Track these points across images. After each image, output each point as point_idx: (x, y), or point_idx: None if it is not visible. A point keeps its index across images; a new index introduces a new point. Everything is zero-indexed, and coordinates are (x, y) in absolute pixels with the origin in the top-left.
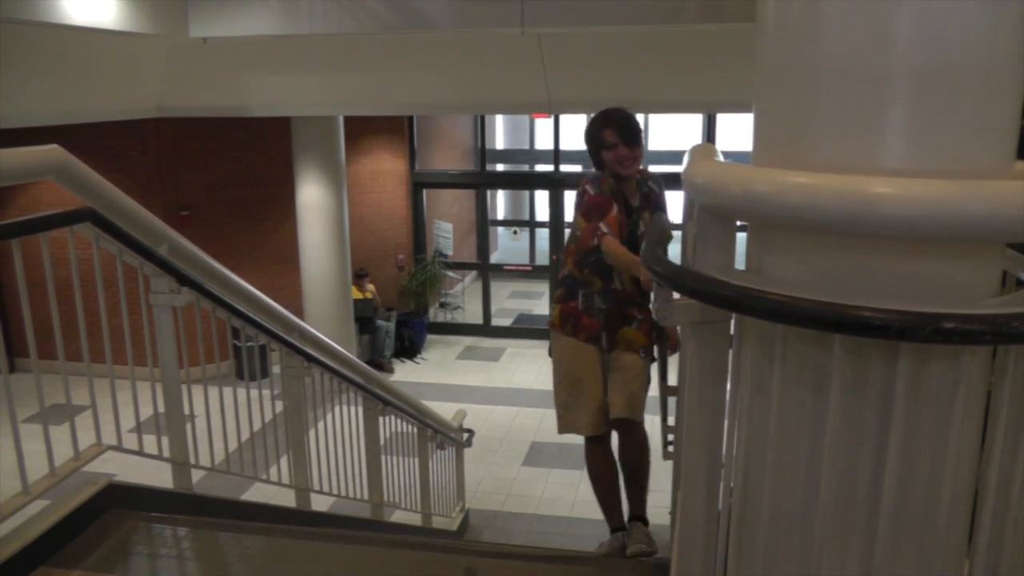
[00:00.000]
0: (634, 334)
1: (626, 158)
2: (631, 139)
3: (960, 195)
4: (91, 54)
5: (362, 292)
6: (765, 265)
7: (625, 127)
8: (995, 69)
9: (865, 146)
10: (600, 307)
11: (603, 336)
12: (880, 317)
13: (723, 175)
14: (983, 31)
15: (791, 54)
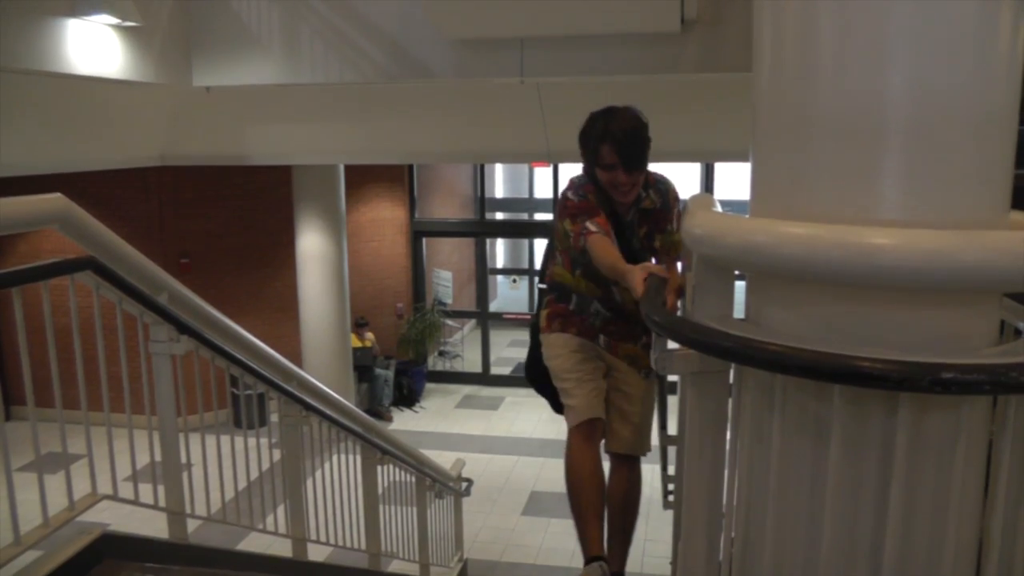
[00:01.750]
0: (639, 352)
1: (623, 184)
2: (632, 163)
3: (957, 246)
4: (95, 103)
5: (361, 340)
6: (764, 315)
7: (627, 146)
8: (987, 121)
9: (861, 197)
10: (597, 311)
11: (600, 337)
12: (879, 367)
13: (721, 226)
14: (975, 85)
15: (787, 106)
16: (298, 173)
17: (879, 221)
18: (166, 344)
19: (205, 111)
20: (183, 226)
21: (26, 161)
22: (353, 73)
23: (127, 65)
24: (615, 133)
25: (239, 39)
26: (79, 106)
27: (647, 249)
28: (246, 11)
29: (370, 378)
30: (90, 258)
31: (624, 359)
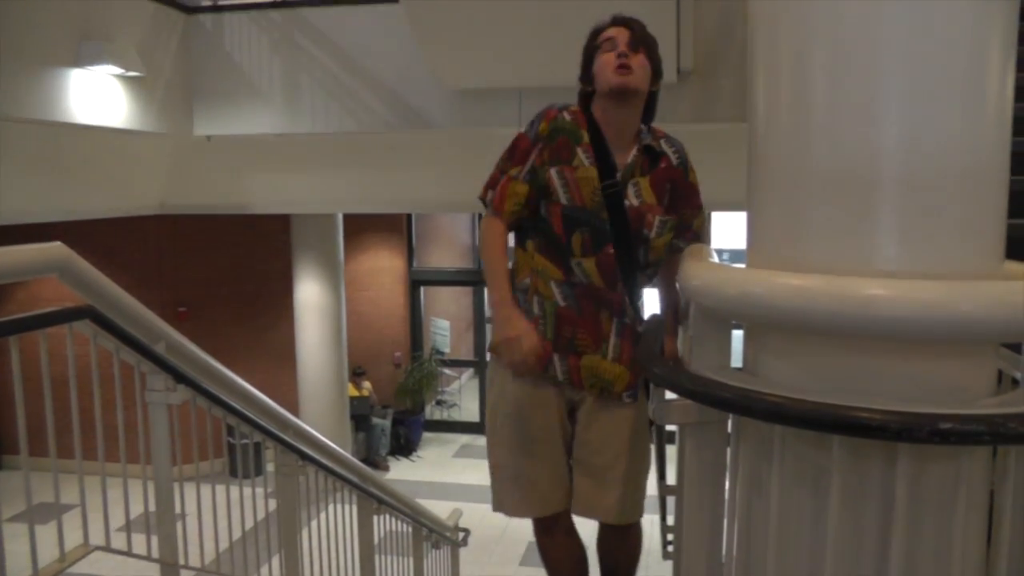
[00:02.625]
0: (609, 368)
1: (623, 57)
2: (638, 38)
3: (952, 296)
4: (96, 152)
5: (359, 390)
6: (762, 365)
7: (633, 23)
8: (979, 173)
9: (857, 248)
10: (547, 307)
11: (555, 364)
12: (877, 418)
13: (718, 277)
14: (965, 138)
15: (781, 159)
16: (297, 222)
17: (875, 272)
18: (163, 393)
19: (205, 160)
20: (181, 275)
21: (26, 209)
22: (353, 123)
23: (129, 114)
24: (623, 16)
25: (240, 88)
26: (80, 155)
27: (649, 215)
28: (247, 61)
29: (367, 427)
30: (89, 307)
31: (591, 385)
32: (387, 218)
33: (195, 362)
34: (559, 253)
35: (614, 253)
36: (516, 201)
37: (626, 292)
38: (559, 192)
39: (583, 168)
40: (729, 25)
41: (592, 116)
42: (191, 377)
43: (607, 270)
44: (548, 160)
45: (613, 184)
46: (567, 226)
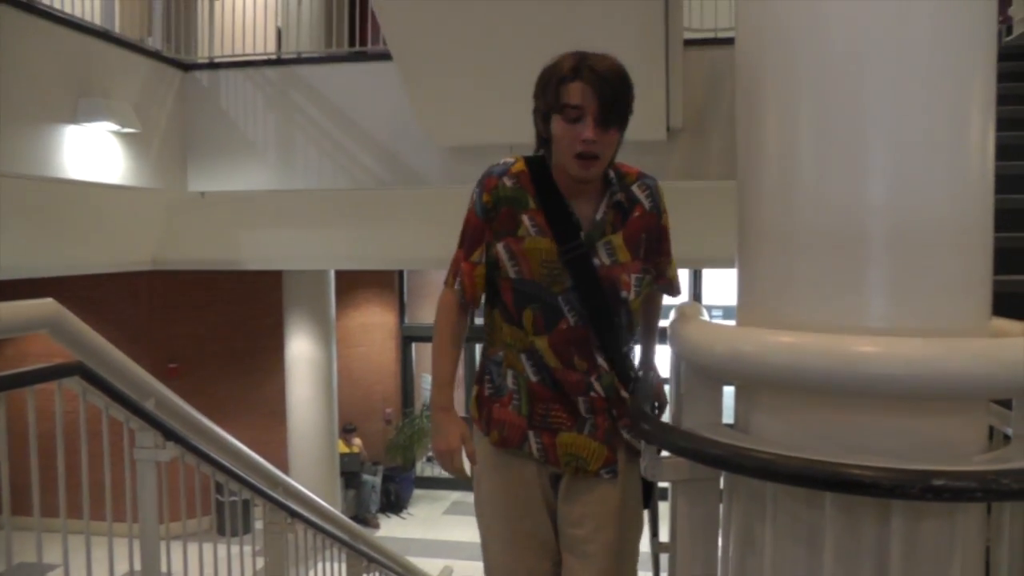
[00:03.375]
0: (585, 444)
1: (590, 142)
2: (610, 113)
3: (941, 353)
4: (90, 207)
5: (349, 446)
6: (753, 422)
7: (607, 87)
8: (964, 231)
9: (846, 305)
10: (520, 383)
11: (530, 441)
12: (869, 475)
13: (709, 335)
14: (951, 195)
15: (771, 216)
16: (288, 278)
17: (864, 329)
18: (152, 451)
19: (198, 216)
20: (172, 330)
21: (20, 265)
22: (346, 179)
23: (124, 170)
24: (593, 68)
25: (235, 145)
26: (74, 210)
27: (625, 275)
28: (242, 118)
29: (357, 484)
30: (79, 363)
31: (567, 464)
32: (379, 274)
33: (185, 419)
34: (520, 328)
35: (577, 326)
36: (481, 285)
37: (592, 371)
38: (507, 266)
39: (529, 238)
40: (718, 83)
41: (547, 169)
42: (180, 434)
43: (562, 349)
44: (496, 233)
45: (576, 247)
46: (517, 302)
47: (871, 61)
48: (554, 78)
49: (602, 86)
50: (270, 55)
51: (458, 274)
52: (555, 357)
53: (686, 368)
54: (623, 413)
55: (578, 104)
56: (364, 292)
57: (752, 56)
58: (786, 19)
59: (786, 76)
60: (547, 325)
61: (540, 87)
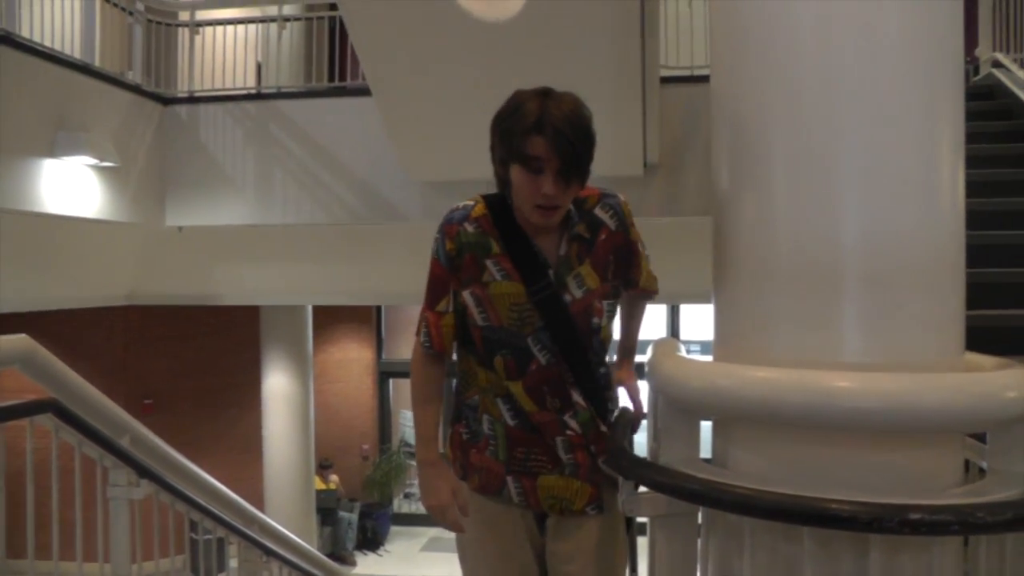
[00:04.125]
0: (567, 485)
1: (550, 198)
2: (572, 167)
3: (917, 388)
4: (66, 242)
5: (325, 483)
6: (731, 457)
7: (569, 140)
8: (937, 267)
9: (822, 341)
10: (496, 428)
11: (509, 487)
12: (847, 509)
13: (686, 370)
14: (924, 232)
15: (746, 253)
16: (266, 313)
17: (840, 365)
18: (125, 488)
19: (176, 250)
20: (147, 366)
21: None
22: (324, 214)
23: (102, 204)
24: (555, 119)
25: (214, 179)
26: (50, 245)
27: (596, 301)
28: (222, 152)
29: (333, 521)
30: (52, 400)
31: (550, 507)
32: (356, 309)
33: (159, 455)
34: (495, 372)
35: (549, 365)
36: (451, 335)
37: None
38: (475, 314)
39: (495, 284)
40: (695, 120)
41: (508, 209)
42: (155, 471)
43: (535, 391)
44: (461, 281)
45: (545, 286)
46: (488, 349)
47: (843, 101)
48: (517, 128)
49: (564, 144)
50: (250, 89)
51: (424, 325)
52: (530, 400)
53: (663, 403)
54: (603, 448)
55: (539, 156)
56: (342, 327)
57: (727, 94)
58: (759, 59)
59: (760, 115)
60: (519, 369)
61: (500, 133)
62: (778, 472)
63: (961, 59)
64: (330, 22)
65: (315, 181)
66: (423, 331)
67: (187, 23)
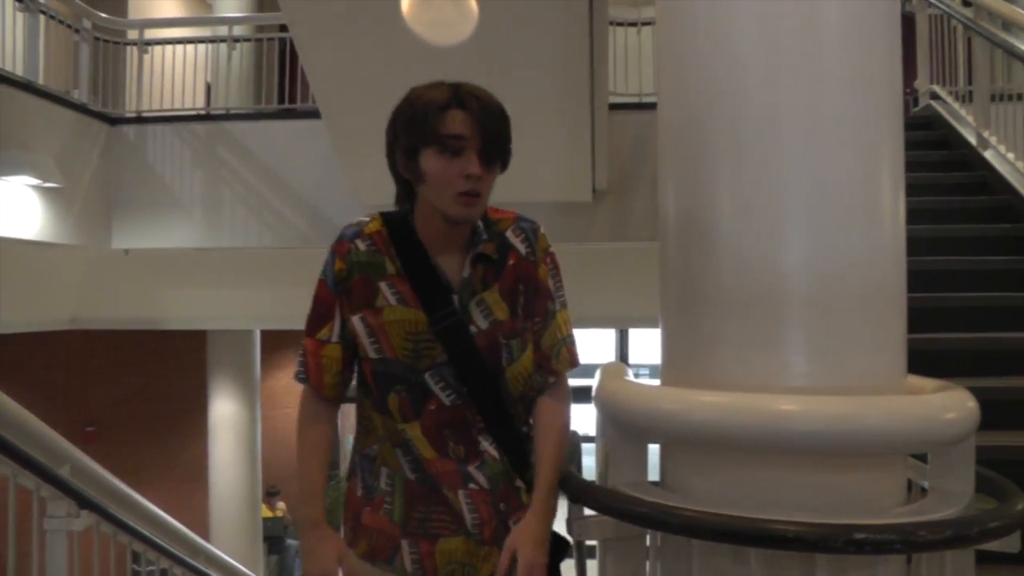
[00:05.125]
0: (472, 550)
1: (474, 180)
2: (493, 145)
3: (859, 411)
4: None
5: (272, 510)
6: (678, 480)
7: (490, 116)
8: (880, 293)
9: (768, 365)
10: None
11: (403, 552)
12: (792, 530)
13: (632, 395)
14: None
15: (693, 279)
16: (213, 338)
17: (786, 388)
18: (64, 520)
19: (121, 274)
20: (90, 392)
21: None
22: (272, 237)
23: (45, 226)
24: (476, 96)
25: (161, 201)
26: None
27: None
28: (169, 175)
29: (280, 549)
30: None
31: (449, 573)
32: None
33: (101, 485)
34: (390, 416)
35: (453, 406)
36: (335, 369)
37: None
38: (366, 345)
39: (389, 309)
40: (643, 146)
41: (409, 226)
42: (96, 501)
43: (435, 435)
44: (352, 307)
45: (448, 314)
46: (381, 386)
47: (787, 130)
48: (430, 107)
49: (487, 117)
50: (199, 110)
51: (301, 354)
52: (429, 445)
53: (611, 427)
54: (516, 506)
55: (460, 134)
56: (290, 352)
57: (673, 122)
58: (704, 88)
59: (705, 142)
60: (415, 409)
61: (405, 120)
62: (725, 494)
63: (900, 91)
64: (280, 44)
65: (264, 204)
66: (298, 360)
67: (136, 42)
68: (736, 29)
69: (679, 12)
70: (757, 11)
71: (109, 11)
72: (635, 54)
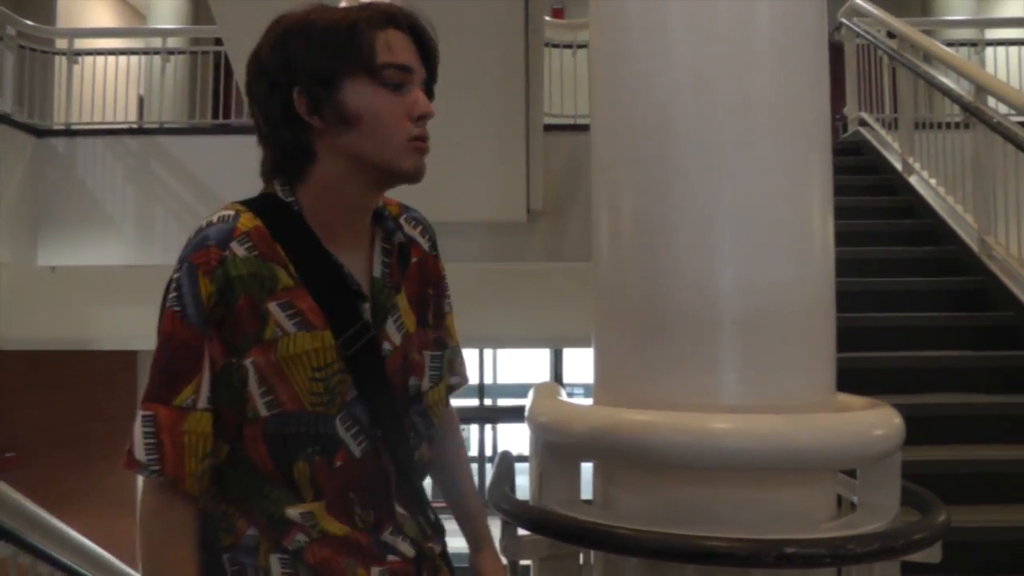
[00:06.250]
0: None
1: (426, 120)
2: (433, 80)
3: (791, 428)
4: None
5: None
6: (612, 498)
7: (430, 39)
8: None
9: (700, 384)
10: None
11: None
12: (725, 546)
13: (566, 414)
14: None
15: (625, 298)
16: (143, 359)
17: (717, 407)
18: None
19: (47, 292)
20: (12, 416)
21: None
22: None
23: None
24: (404, 12)
25: (91, 217)
26: None
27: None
28: (100, 189)
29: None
30: None
31: None
32: None
33: (21, 513)
34: (271, 503)
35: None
36: (202, 451)
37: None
38: (256, 401)
39: (286, 340)
40: (577, 167)
41: (289, 211)
42: (13, 531)
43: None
44: (230, 348)
45: (362, 330)
46: (279, 455)
47: (718, 153)
48: (358, 22)
49: (429, 40)
50: (131, 124)
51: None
52: (334, 520)
53: (544, 446)
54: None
55: (405, 64)
56: None
57: (605, 144)
58: (637, 109)
59: (637, 164)
60: (329, 472)
61: (311, 39)
62: (659, 512)
63: (828, 117)
64: (216, 57)
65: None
66: (145, 445)
67: (65, 51)
68: (669, 51)
69: (613, 35)
70: (690, 33)
71: (37, 19)
72: (571, 76)
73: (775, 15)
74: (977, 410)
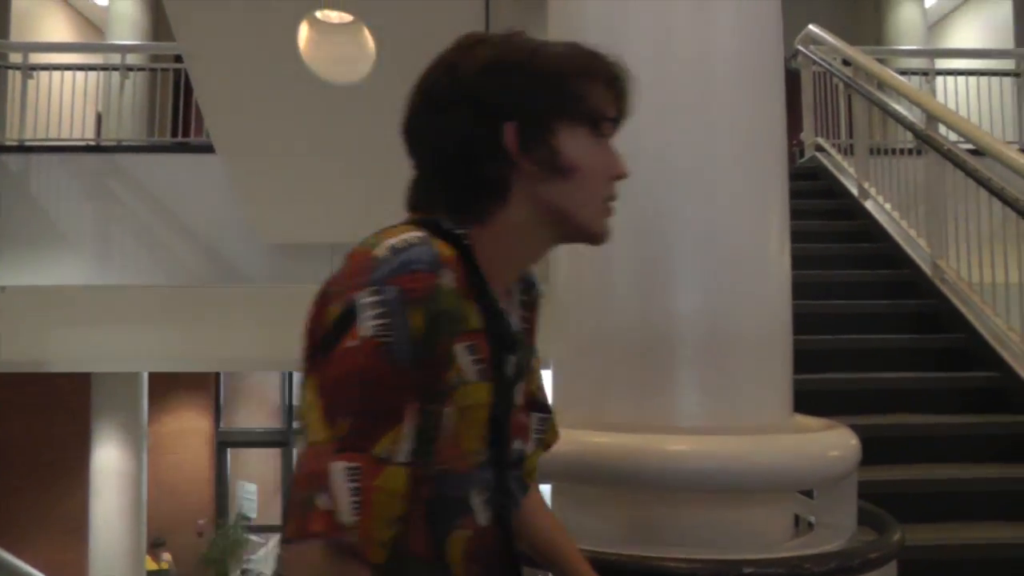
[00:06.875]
0: None
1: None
2: None
3: (750, 449)
4: None
5: (157, 563)
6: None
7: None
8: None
9: (660, 406)
10: None
11: None
12: (684, 567)
13: None
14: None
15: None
16: (98, 381)
17: (677, 429)
18: None
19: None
20: None
21: None
22: (164, 275)
23: None
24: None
25: (45, 235)
26: None
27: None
28: (55, 207)
29: None
30: None
31: None
32: (195, 376)
33: None
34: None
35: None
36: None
37: None
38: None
39: (464, 389)
40: None
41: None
42: None
43: None
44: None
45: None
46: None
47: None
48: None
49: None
50: (89, 141)
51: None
52: None
53: None
54: None
55: (617, 118)
56: (179, 395)
57: None
58: None
59: None
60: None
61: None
62: (618, 533)
63: (784, 143)
64: (175, 75)
65: (155, 240)
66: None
67: (19, 66)
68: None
69: None
70: (651, 57)
71: None
72: None
73: (734, 42)
74: (933, 430)
